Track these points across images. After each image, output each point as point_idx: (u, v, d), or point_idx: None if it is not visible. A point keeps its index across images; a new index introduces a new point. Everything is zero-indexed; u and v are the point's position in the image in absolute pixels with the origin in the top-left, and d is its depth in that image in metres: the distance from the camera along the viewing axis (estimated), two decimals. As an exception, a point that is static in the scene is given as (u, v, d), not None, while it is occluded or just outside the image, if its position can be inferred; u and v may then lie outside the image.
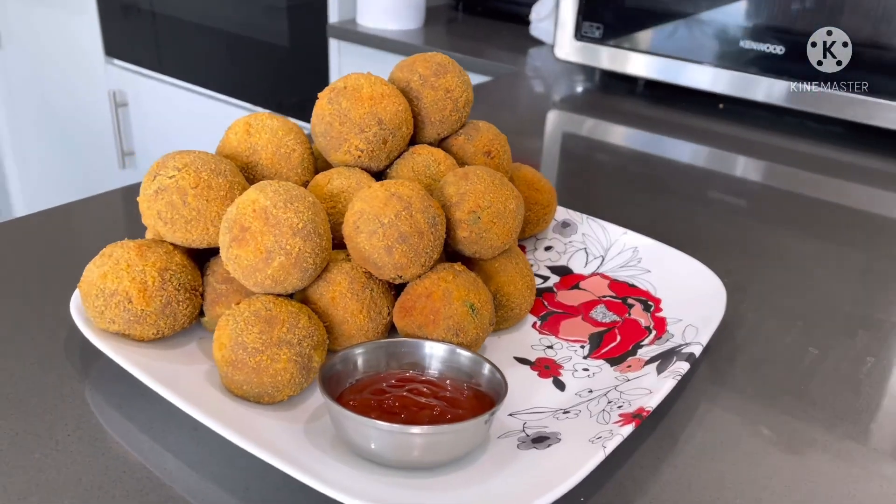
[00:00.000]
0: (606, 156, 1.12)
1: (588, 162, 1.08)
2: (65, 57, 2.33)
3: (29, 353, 0.55)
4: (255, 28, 1.85)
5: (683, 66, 1.17)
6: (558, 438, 0.48)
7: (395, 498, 0.42)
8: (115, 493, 0.44)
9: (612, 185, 0.97)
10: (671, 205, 0.90)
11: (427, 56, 0.63)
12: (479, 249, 0.56)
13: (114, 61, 2.22)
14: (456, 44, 1.63)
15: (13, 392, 0.51)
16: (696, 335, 0.56)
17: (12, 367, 0.54)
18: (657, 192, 0.95)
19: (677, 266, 0.66)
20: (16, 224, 0.77)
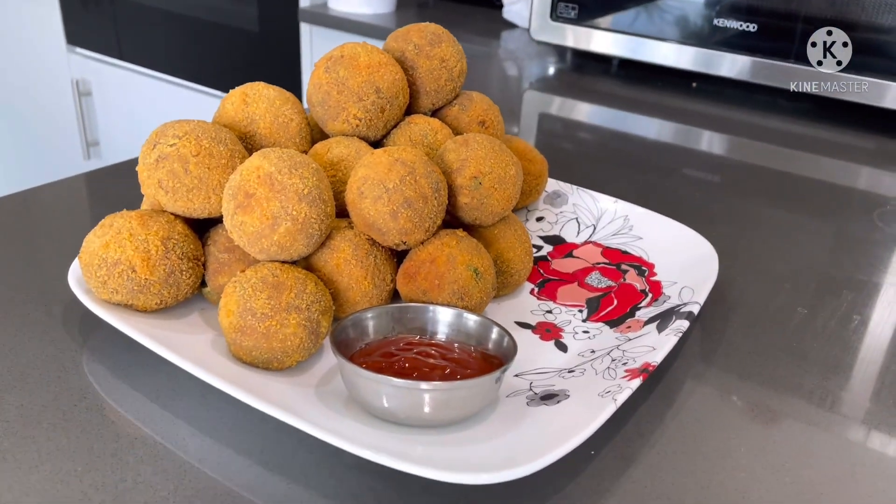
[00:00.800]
0: (583, 134, 1.13)
1: (566, 141, 1.09)
2: (26, 45, 2.28)
3: (24, 330, 0.55)
4: (222, 13, 1.82)
5: (656, 45, 1.19)
6: (567, 395, 0.49)
7: (409, 451, 0.43)
8: (129, 460, 0.44)
9: (590, 163, 0.99)
10: (650, 180, 0.92)
11: (422, 26, 0.63)
12: (480, 216, 0.57)
13: (76, 49, 2.17)
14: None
15: (14, 365, 0.51)
16: (692, 296, 0.57)
17: (10, 344, 0.53)
18: (635, 169, 0.96)
19: (668, 232, 0.67)
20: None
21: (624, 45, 1.22)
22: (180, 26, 1.91)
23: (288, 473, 0.44)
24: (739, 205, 0.85)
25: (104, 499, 0.41)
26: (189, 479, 0.43)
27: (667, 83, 1.26)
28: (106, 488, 0.42)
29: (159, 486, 0.42)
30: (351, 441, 0.41)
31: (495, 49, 1.51)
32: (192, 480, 0.43)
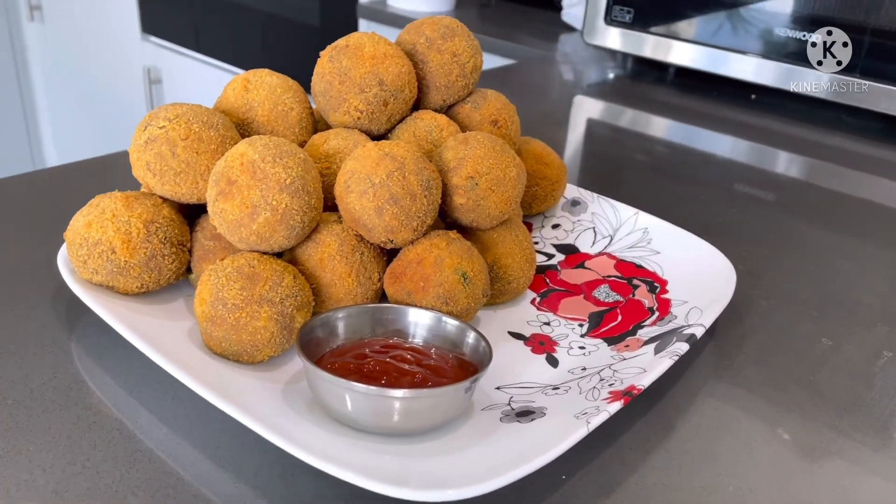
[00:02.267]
0: (631, 143, 1.08)
1: (611, 148, 1.05)
2: (102, 32, 2.36)
3: (19, 301, 0.55)
4: (287, 6, 1.84)
5: (715, 54, 1.14)
6: (543, 413, 0.46)
7: (362, 461, 0.40)
8: (83, 444, 0.43)
9: (633, 172, 0.95)
10: (692, 192, 0.87)
11: (436, 19, 0.61)
12: (477, 218, 0.54)
13: (150, 38, 2.23)
14: (487, 28, 1.61)
15: (-6, 339, 0.51)
16: (699, 317, 0.53)
17: None
18: (680, 181, 0.92)
19: (688, 248, 0.63)
20: (41, 175, 0.77)
21: (680, 53, 1.17)
22: (248, 18, 1.94)
23: (238, 472, 0.42)
24: (782, 224, 0.80)
25: (48, 481, 0.41)
26: (137, 469, 0.42)
27: (724, 94, 1.20)
28: (52, 470, 0.41)
29: (106, 473, 0.41)
30: (297, 444, 0.39)
31: (552, 52, 1.48)
32: (139, 470, 0.42)
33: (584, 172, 0.93)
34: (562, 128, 1.10)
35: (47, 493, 0.40)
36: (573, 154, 1.01)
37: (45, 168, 0.78)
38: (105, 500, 0.40)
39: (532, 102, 1.22)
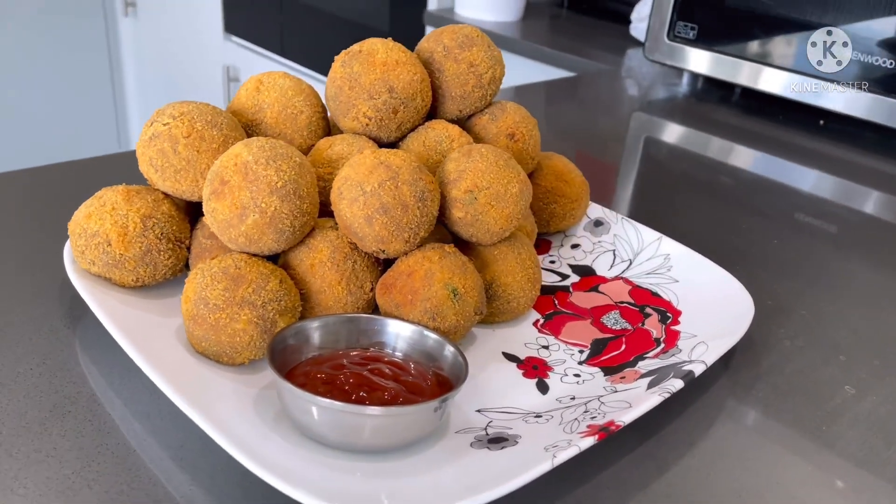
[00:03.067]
0: (687, 164, 1.04)
1: (665, 168, 1.01)
2: (189, 29, 2.45)
3: (29, 287, 0.56)
4: (359, 12, 1.86)
5: (783, 77, 1.08)
6: (516, 441, 0.44)
7: (313, 476, 0.39)
8: (53, 432, 0.44)
9: (684, 194, 0.91)
10: (744, 219, 0.83)
11: (456, 27, 0.60)
12: (476, 233, 0.53)
13: (231, 37, 2.30)
14: (553, 39, 1.58)
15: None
16: (703, 353, 0.50)
17: (6, 297, 0.55)
18: (733, 206, 0.87)
19: (709, 279, 0.60)
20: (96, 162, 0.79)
21: (745, 73, 1.12)
22: (323, 22, 1.98)
23: (195, 473, 0.42)
24: (833, 259, 0.75)
25: (11, 466, 0.41)
26: (98, 462, 0.42)
27: (792, 119, 1.14)
28: (18, 456, 0.42)
29: (67, 464, 0.42)
30: (253, 457, 0.38)
31: (618, 66, 1.44)
32: (100, 464, 0.42)
33: (634, 191, 0.90)
34: (618, 144, 1.07)
35: (8, 478, 0.40)
36: (626, 172, 0.98)
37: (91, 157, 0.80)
38: (60, 490, 0.40)
39: (591, 117, 1.19)
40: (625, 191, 0.91)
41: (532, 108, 1.25)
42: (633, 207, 0.86)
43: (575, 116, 1.22)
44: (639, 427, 0.47)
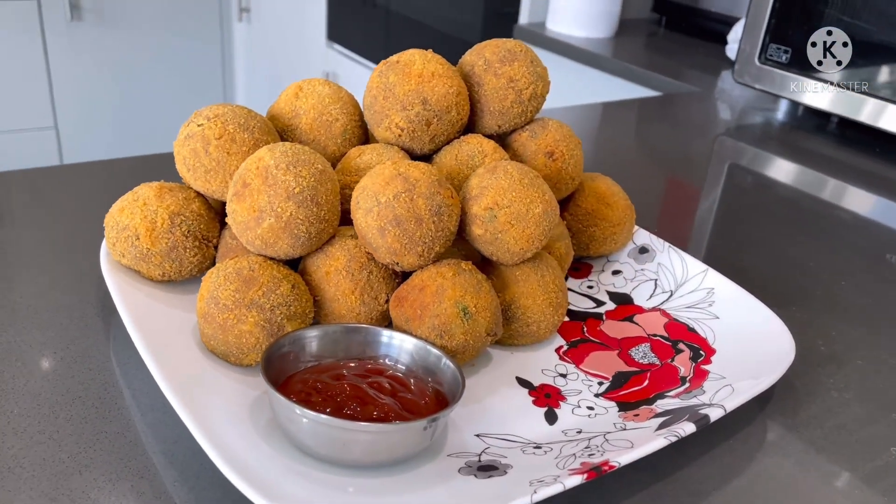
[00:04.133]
0: (769, 194, 0.98)
1: (745, 197, 0.96)
2: (294, 35, 2.53)
3: (71, 274, 0.59)
4: (454, 24, 1.87)
5: (883, 107, 1.01)
6: (505, 472, 0.42)
7: (286, 488, 0.39)
8: (59, 415, 0.45)
9: (757, 225, 0.85)
10: (814, 256, 0.77)
11: (500, 41, 0.59)
12: (496, 252, 0.51)
13: (333, 45, 2.36)
14: (646, 58, 1.54)
15: (33, 304, 0.55)
16: (726, 398, 0.47)
17: (43, 283, 0.58)
18: (807, 241, 0.82)
19: (752, 318, 0.56)
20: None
21: (842, 101, 1.05)
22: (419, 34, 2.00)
23: (182, 471, 0.42)
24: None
25: (13, 444, 0.43)
26: (95, 449, 0.43)
27: (890, 151, 1.06)
28: (23, 435, 0.43)
29: (66, 448, 0.43)
30: (229, 462, 0.38)
31: (711, 87, 1.38)
32: (96, 451, 0.43)
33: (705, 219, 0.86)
34: (700, 169, 1.03)
35: (7, 457, 0.42)
36: (707, 198, 0.93)
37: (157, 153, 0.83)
38: (53, 472, 0.41)
39: (677, 138, 1.15)
40: (696, 218, 0.87)
41: (619, 126, 1.22)
42: (700, 235, 0.82)
43: (663, 135, 1.18)
44: (648, 467, 0.44)
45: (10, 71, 2.52)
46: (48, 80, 2.63)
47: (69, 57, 2.63)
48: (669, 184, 0.99)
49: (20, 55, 2.54)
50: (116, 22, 2.68)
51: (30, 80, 2.58)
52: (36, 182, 0.76)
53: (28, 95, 2.60)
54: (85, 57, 2.66)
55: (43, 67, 2.60)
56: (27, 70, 2.56)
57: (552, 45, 1.54)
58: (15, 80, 2.55)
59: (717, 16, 1.56)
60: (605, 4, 1.53)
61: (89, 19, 2.65)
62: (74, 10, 2.60)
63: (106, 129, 2.74)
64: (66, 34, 2.62)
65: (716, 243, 0.80)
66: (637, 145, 1.14)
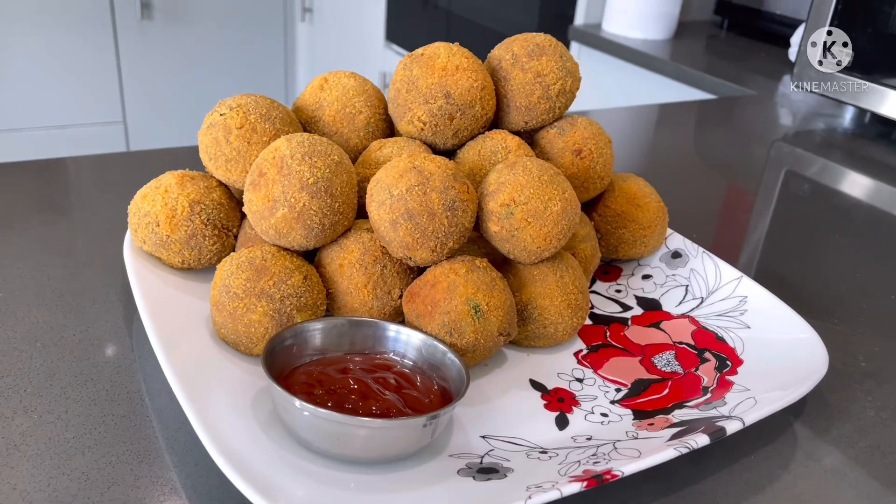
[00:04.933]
0: (824, 203, 0.94)
1: (802, 205, 0.92)
2: (354, 36, 2.55)
3: (99, 259, 0.60)
4: (511, 26, 1.86)
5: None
6: (505, 475, 0.40)
7: (277, 481, 0.38)
8: (70, 397, 0.46)
9: (806, 234, 0.82)
10: (863, 268, 0.73)
11: (530, 35, 0.57)
12: (513, 250, 0.50)
13: (392, 46, 2.37)
14: (705, 61, 1.50)
15: (59, 287, 0.56)
16: (747, 410, 0.44)
17: (72, 266, 0.59)
18: (858, 252, 0.78)
19: (785, 329, 0.53)
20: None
21: (907, 107, 0.99)
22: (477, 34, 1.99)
23: (181, 457, 0.42)
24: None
25: (22, 423, 0.43)
26: (99, 431, 0.43)
27: (959, 162, 1.00)
28: (32, 414, 0.44)
29: (72, 428, 0.43)
30: (222, 452, 0.38)
31: (770, 91, 1.34)
32: (101, 433, 0.43)
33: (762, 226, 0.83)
34: (755, 174, 0.99)
35: (15, 434, 0.43)
36: (760, 204, 0.90)
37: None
38: (56, 452, 0.42)
39: (733, 142, 1.11)
40: (745, 224, 0.84)
41: (674, 128, 1.19)
42: (747, 242, 0.79)
43: (718, 141, 1.14)
44: (663, 479, 0.43)
45: (83, 67, 2.61)
46: (118, 77, 2.72)
47: (139, 54, 2.71)
48: (721, 188, 0.96)
49: (93, 52, 2.63)
50: (185, 21, 2.76)
51: (101, 77, 2.67)
52: (85, 169, 0.78)
53: (99, 91, 2.69)
54: (154, 54, 2.74)
55: (114, 64, 2.69)
56: (99, 66, 2.66)
57: (607, 46, 1.52)
58: (87, 75, 2.64)
59: (782, 18, 1.51)
60: (664, 6, 1.50)
61: (159, 18, 2.73)
62: (145, 9, 2.68)
63: (171, 124, 2.81)
64: (137, 32, 2.70)
65: (763, 251, 0.77)
66: (692, 148, 1.11)
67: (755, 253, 0.77)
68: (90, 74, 2.65)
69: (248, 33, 2.87)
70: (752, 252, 0.77)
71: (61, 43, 2.55)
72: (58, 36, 2.54)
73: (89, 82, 2.66)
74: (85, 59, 2.62)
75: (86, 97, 2.68)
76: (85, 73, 2.63)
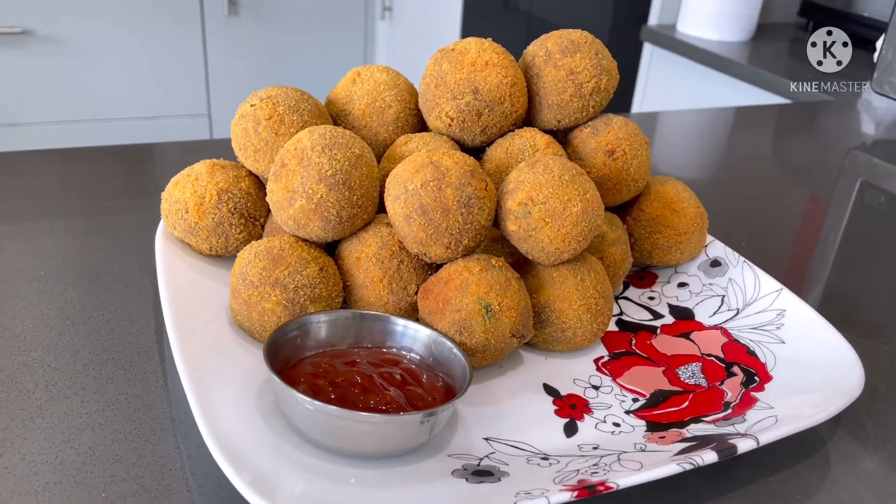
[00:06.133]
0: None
1: (873, 217, 0.87)
2: (429, 34, 2.57)
3: (134, 242, 0.62)
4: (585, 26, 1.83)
5: None
6: (499, 479, 0.40)
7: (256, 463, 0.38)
8: (90, 374, 0.47)
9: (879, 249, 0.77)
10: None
11: (565, 32, 0.56)
12: (531, 250, 0.49)
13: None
14: (785, 64, 1.43)
15: (97, 268, 0.58)
16: (765, 429, 0.42)
17: (114, 249, 0.61)
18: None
19: (822, 347, 0.50)
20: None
21: None
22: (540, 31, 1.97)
23: (185, 438, 0.43)
24: None
25: (41, 396, 0.45)
26: (112, 409, 0.45)
27: None
28: (52, 389, 0.46)
29: (86, 405, 0.45)
30: (214, 435, 0.39)
31: (852, 97, 1.27)
32: (113, 410, 0.45)
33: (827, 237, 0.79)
34: (829, 183, 0.94)
35: (34, 407, 0.44)
36: (832, 215, 0.85)
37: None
38: (69, 427, 0.43)
39: (810, 149, 1.07)
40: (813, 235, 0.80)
41: (748, 133, 1.14)
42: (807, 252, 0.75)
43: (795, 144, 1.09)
44: (669, 495, 0.41)
45: (171, 60, 2.72)
46: (205, 70, 2.82)
47: (225, 49, 2.80)
48: (793, 195, 0.92)
49: (182, 46, 2.73)
50: (269, 17, 2.83)
51: (189, 70, 2.77)
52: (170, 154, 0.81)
53: (186, 84, 2.79)
54: (239, 49, 2.82)
55: (201, 58, 2.79)
56: (187, 60, 2.75)
57: (681, 48, 1.47)
58: (175, 69, 2.74)
59: (870, 21, 1.43)
60: (742, 7, 1.44)
61: (245, 14, 2.81)
62: (232, 5, 2.76)
63: (252, 118, 2.89)
64: (224, 28, 2.79)
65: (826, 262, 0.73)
66: (767, 153, 1.06)
67: (818, 264, 0.73)
68: (178, 68, 2.75)
69: (329, 30, 2.92)
70: (815, 263, 0.73)
71: (152, 38, 2.66)
72: (149, 31, 2.64)
73: (177, 76, 2.76)
74: (174, 54, 2.72)
75: (173, 90, 2.78)
76: (173, 67, 2.73)
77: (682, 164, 0.99)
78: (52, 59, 2.52)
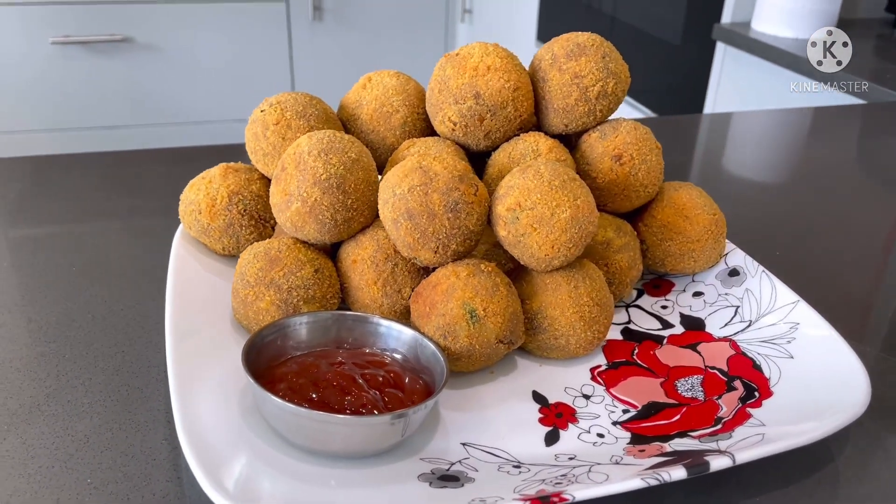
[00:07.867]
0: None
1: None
2: (507, 34, 2.56)
3: (160, 241, 0.64)
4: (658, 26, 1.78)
5: None
6: (462, 485, 0.39)
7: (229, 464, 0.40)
8: (99, 365, 0.50)
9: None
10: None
11: (573, 35, 0.55)
12: (521, 255, 0.48)
13: (542, 45, 2.35)
14: (868, 63, 1.36)
15: (122, 265, 0.61)
16: (748, 447, 0.40)
17: (139, 246, 0.64)
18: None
19: (831, 363, 0.47)
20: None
21: None
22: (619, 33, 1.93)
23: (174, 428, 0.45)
24: None
25: (51, 385, 0.48)
26: (112, 399, 0.47)
27: None
28: (61, 377, 0.49)
29: (91, 394, 0.47)
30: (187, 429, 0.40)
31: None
32: (114, 401, 0.47)
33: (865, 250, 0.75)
34: (866, 193, 0.89)
35: (42, 395, 0.47)
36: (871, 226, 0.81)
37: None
38: (71, 414, 0.46)
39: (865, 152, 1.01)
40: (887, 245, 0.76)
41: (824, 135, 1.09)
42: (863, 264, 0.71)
43: (847, 149, 1.03)
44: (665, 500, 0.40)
45: (259, 64, 2.82)
46: (290, 74, 2.91)
47: (310, 52, 2.88)
48: (874, 203, 0.87)
49: (269, 50, 2.83)
50: (352, 22, 2.90)
51: (276, 73, 2.87)
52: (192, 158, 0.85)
53: (273, 86, 2.89)
54: (323, 53, 2.90)
55: (287, 62, 2.88)
56: (274, 64, 2.85)
57: (754, 46, 1.42)
58: (263, 72, 2.84)
59: (963, 15, 1.33)
60: (820, 3, 1.37)
61: (329, 19, 2.89)
62: (317, 10, 2.84)
63: (334, 120, 2.96)
64: (309, 32, 2.87)
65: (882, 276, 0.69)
66: (848, 157, 1.01)
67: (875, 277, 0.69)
68: (266, 71, 2.85)
69: (410, 33, 2.96)
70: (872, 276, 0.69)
71: (241, 44, 2.76)
72: (238, 37, 2.75)
73: (265, 78, 2.86)
74: (262, 56, 2.82)
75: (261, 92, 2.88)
76: (261, 70, 2.84)
77: (756, 168, 0.95)
78: (149, 65, 2.66)
